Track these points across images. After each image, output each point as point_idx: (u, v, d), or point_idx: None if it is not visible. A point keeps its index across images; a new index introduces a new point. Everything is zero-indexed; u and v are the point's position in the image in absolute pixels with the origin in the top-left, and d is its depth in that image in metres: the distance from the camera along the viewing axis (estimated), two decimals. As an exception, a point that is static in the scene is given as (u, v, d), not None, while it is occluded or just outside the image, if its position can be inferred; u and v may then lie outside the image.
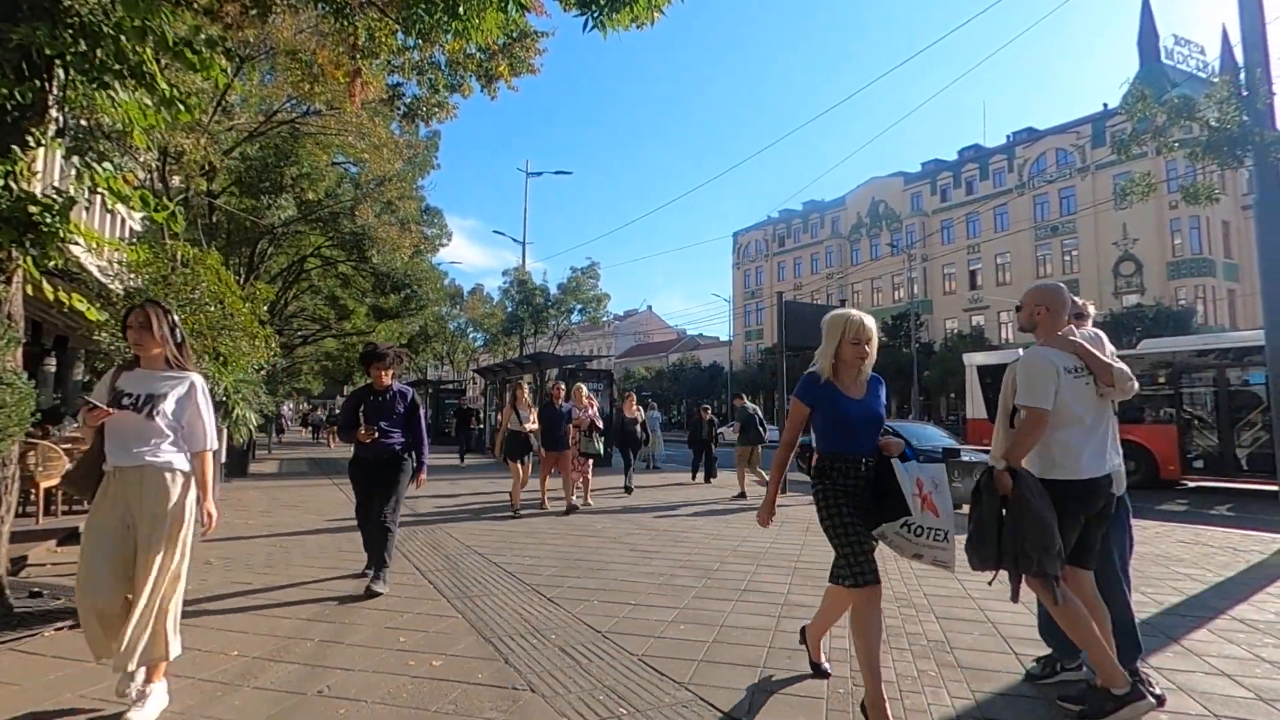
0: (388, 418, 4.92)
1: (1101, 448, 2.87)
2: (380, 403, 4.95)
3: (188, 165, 11.87)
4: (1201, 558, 6.16)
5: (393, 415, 4.95)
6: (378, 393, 4.99)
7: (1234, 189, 33.94)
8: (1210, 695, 3.05)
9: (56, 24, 3.65)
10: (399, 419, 4.97)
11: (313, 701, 2.92)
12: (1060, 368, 2.86)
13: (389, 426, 4.90)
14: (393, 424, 4.93)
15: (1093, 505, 2.84)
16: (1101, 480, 2.84)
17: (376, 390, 5.01)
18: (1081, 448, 2.83)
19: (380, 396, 4.98)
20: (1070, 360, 2.89)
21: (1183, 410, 13.37)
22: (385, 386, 5.00)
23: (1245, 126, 6.75)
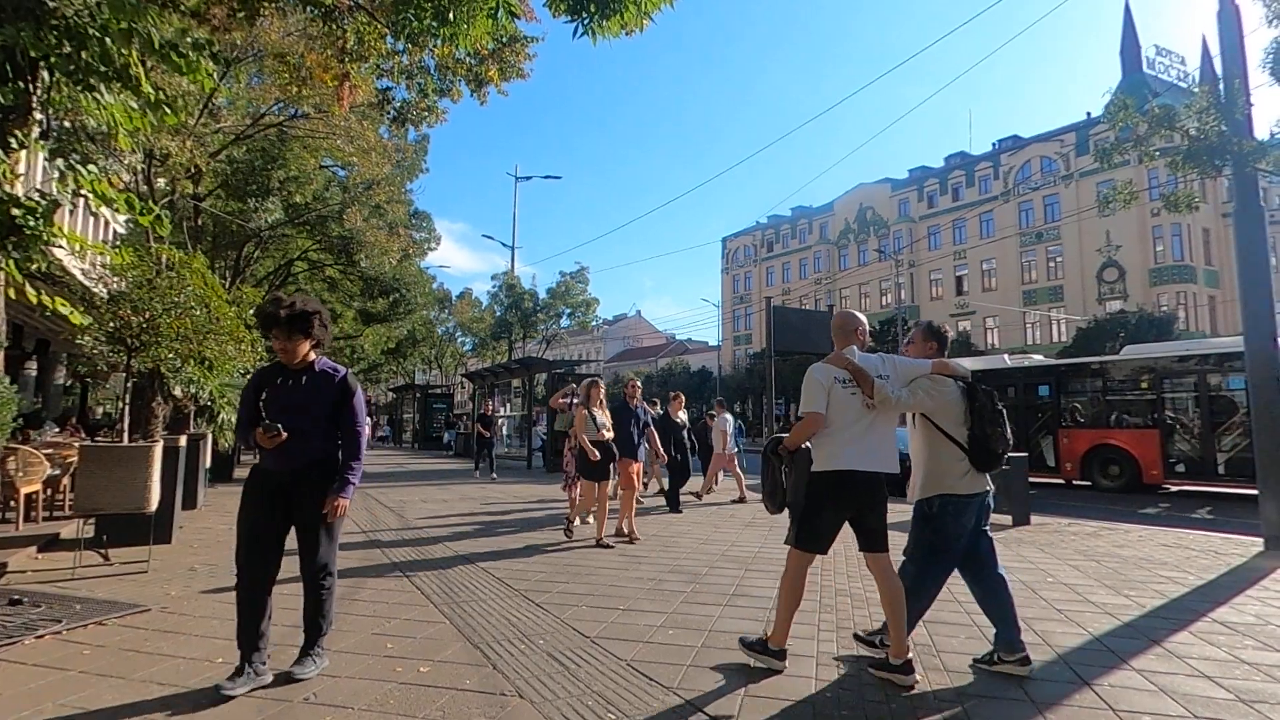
0: (302, 412, 3.23)
1: (867, 447, 3.34)
2: (292, 388, 3.29)
3: (173, 168, 11.78)
4: (1183, 561, 6.24)
5: (311, 408, 3.27)
6: (290, 374, 3.32)
7: (1214, 197, 34.46)
8: (1191, 697, 3.10)
9: (41, 25, 3.62)
10: (322, 414, 3.29)
11: (299, 709, 2.90)
12: (834, 379, 3.38)
13: (306, 425, 3.23)
14: (310, 421, 3.26)
15: (857, 492, 3.36)
16: (861, 474, 3.33)
17: (288, 370, 3.33)
18: (845, 446, 3.33)
19: (292, 379, 3.31)
20: (845, 373, 3.39)
21: (1165, 415, 13.54)
22: (301, 363, 3.32)
23: (1224, 136, 6.87)
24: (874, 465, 3.36)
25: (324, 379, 3.33)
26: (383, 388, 49.99)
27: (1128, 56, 38.37)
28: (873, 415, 3.36)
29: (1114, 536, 7.61)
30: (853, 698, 3.05)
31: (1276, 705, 3.03)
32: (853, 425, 3.34)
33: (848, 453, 3.31)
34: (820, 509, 3.36)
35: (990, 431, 3.40)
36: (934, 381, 3.48)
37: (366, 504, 9.85)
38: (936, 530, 3.49)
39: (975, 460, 3.42)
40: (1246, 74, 7.12)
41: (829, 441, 3.35)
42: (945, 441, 3.45)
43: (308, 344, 3.28)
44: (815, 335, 12.10)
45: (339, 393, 3.32)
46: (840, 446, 3.32)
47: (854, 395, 3.36)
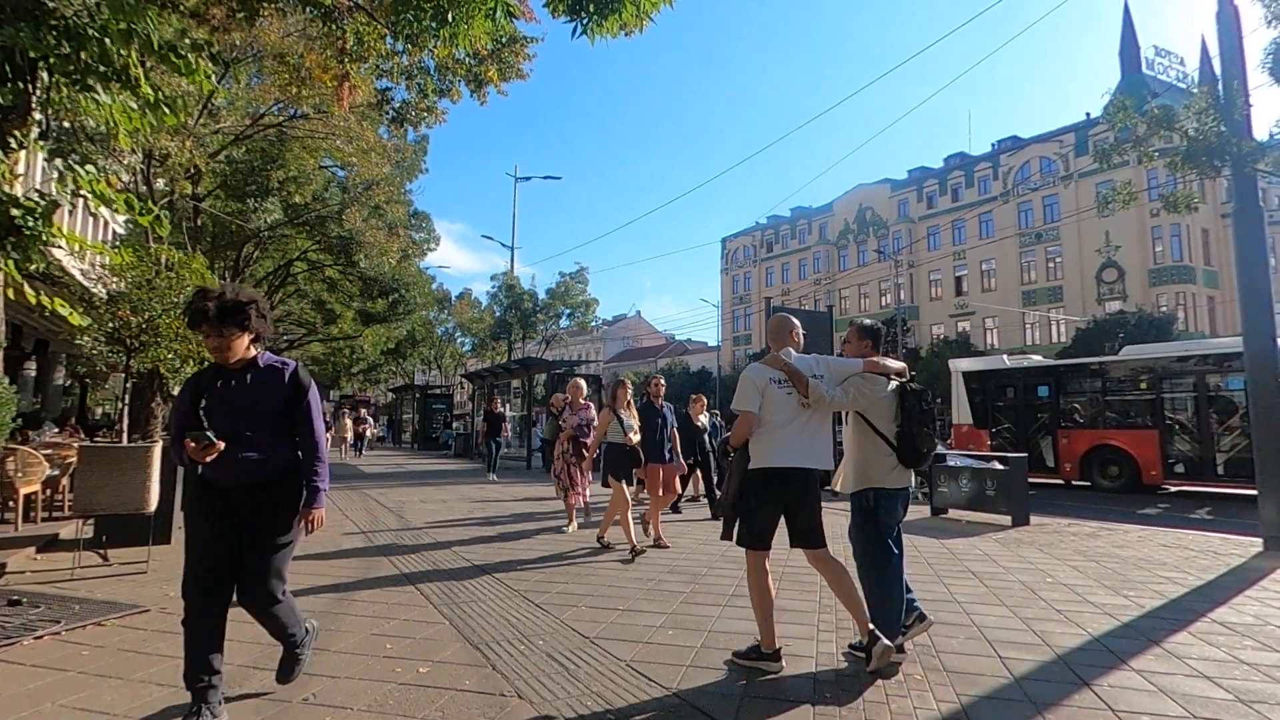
0: (248, 416, 2.82)
1: (800, 445, 3.46)
2: (235, 390, 2.85)
3: (173, 168, 11.78)
4: (1182, 561, 6.24)
5: (258, 410, 2.85)
6: (230, 374, 2.87)
7: (1213, 198, 34.48)
8: (1190, 697, 3.10)
9: (40, 25, 3.62)
10: (272, 415, 2.87)
11: (298, 709, 2.90)
12: (768, 379, 3.51)
13: (255, 430, 2.81)
14: (259, 424, 2.83)
15: (788, 489, 3.45)
16: (793, 471, 3.44)
17: (227, 370, 2.87)
18: (778, 444, 3.44)
19: (234, 380, 2.87)
20: (780, 374, 3.50)
21: (1164, 416, 13.55)
22: (241, 361, 2.87)
23: (1223, 136, 6.88)
24: (806, 462, 3.48)
25: (270, 376, 2.90)
26: (382, 388, 49.96)
27: (1127, 57, 38.38)
28: (807, 414, 3.49)
29: (1113, 537, 7.61)
30: (852, 698, 3.05)
31: (1276, 705, 3.03)
32: (788, 424, 3.47)
33: (780, 451, 3.44)
34: (754, 506, 3.46)
35: (917, 430, 3.53)
36: (866, 380, 3.60)
37: (366, 504, 9.84)
38: (878, 522, 3.62)
39: (903, 457, 3.57)
40: (1245, 74, 7.13)
41: (764, 440, 3.48)
42: (876, 438, 3.60)
43: (245, 338, 2.85)
44: (814, 336, 12.07)
45: (290, 390, 2.90)
46: (774, 444, 3.45)
47: (789, 395, 3.49)
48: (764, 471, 3.44)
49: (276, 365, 2.94)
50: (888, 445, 3.58)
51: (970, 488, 8.82)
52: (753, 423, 3.46)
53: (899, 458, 3.57)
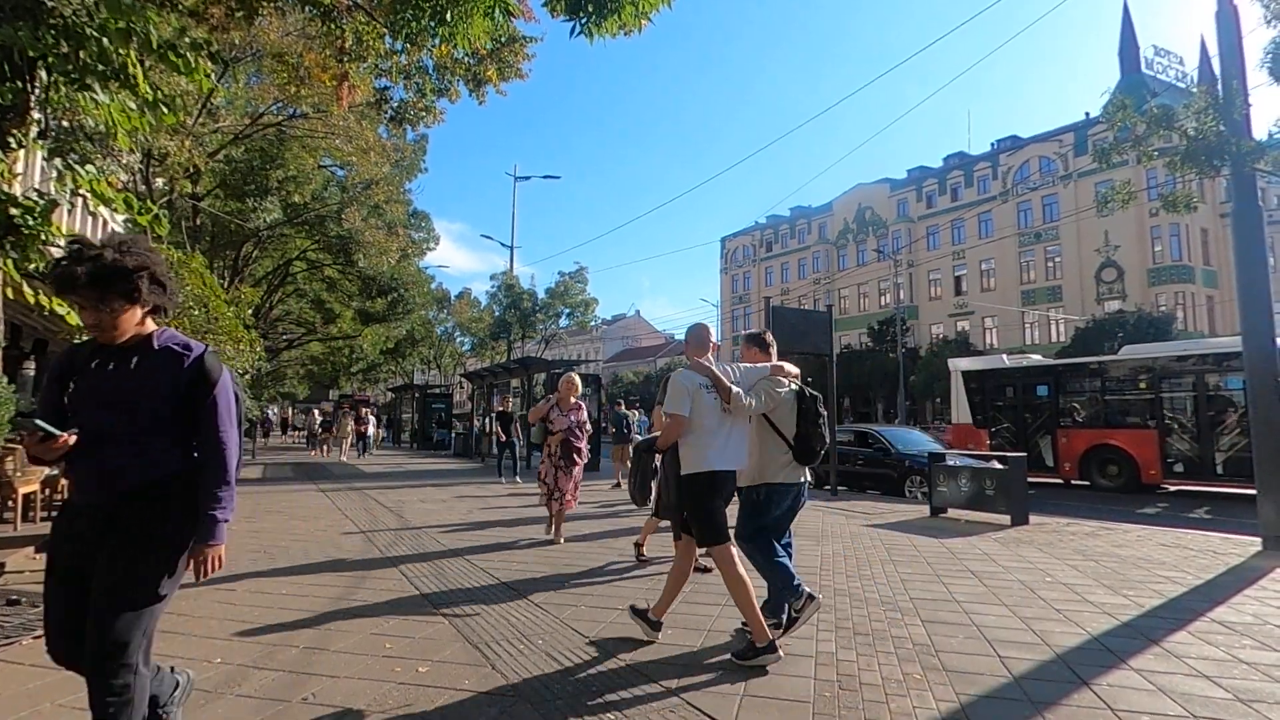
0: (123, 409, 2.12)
1: (730, 449, 3.68)
2: (111, 374, 2.14)
3: (172, 168, 11.77)
4: (1181, 560, 6.25)
5: (140, 404, 2.13)
6: (111, 354, 2.16)
7: (1212, 197, 34.51)
8: (1189, 696, 3.10)
9: (39, 25, 3.62)
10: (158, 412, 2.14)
11: (297, 709, 2.89)
12: (698, 385, 3.70)
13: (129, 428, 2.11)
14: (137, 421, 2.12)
15: (725, 489, 3.69)
16: (725, 473, 3.67)
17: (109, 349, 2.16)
18: (710, 449, 3.63)
19: (113, 361, 2.16)
20: (707, 380, 3.71)
21: (1163, 415, 13.55)
22: (131, 340, 2.18)
23: (1222, 136, 6.87)
24: (733, 464, 3.72)
25: (165, 361, 2.15)
26: (381, 388, 49.96)
27: (1126, 56, 38.39)
28: (732, 419, 3.71)
29: (1112, 536, 7.62)
30: (852, 697, 3.05)
31: (1275, 704, 3.03)
32: (716, 429, 3.67)
33: (712, 455, 3.63)
34: (708, 506, 3.64)
35: (811, 431, 3.80)
36: (772, 384, 3.84)
37: (365, 504, 9.84)
38: (762, 514, 3.87)
39: (798, 455, 3.83)
40: (1245, 74, 7.13)
41: (696, 444, 3.64)
42: (775, 437, 3.85)
43: (136, 312, 2.14)
44: (814, 336, 12.09)
45: (190, 380, 2.15)
46: (706, 450, 3.63)
47: (717, 400, 3.69)
48: (709, 475, 3.62)
49: (176, 348, 2.19)
50: (785, 444, 3.83)
51: (969, 487, 8.82)
52: (684, 426, 3.64)
53: (794, 455, 3.82)
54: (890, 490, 12.20)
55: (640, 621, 3.81)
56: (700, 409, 3.64)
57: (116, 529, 2.08)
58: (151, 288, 2.18)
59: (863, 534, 7.58)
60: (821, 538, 7.28)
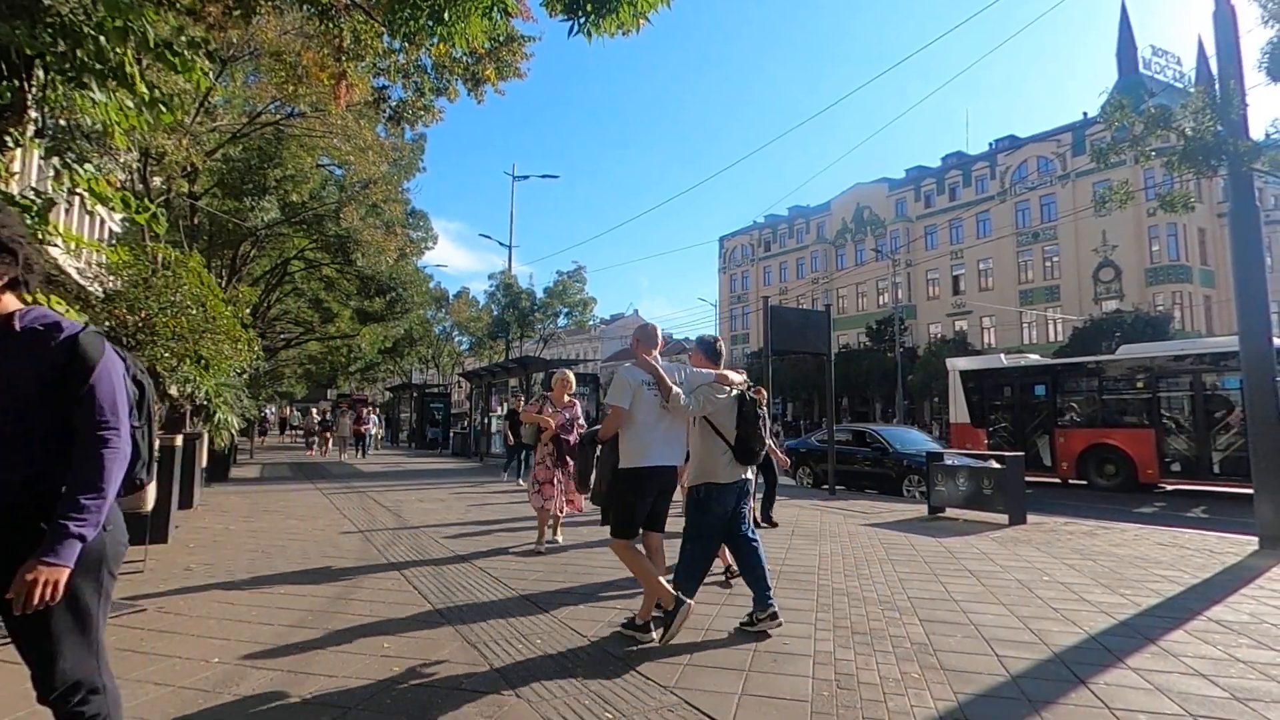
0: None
1: (666, 445, 3.95)
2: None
3: (169, 166, 11.75)
4: (1178, 560, 6.26)
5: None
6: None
7: (1209, 197, 34.57)
8: (1187, 695, 3.11)
9: (36, 23, 3.60)
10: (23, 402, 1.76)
11: (295, 708, 2.89)
12: (640, 381, 3.91)
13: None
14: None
15: (655, 484, 3.91)
16: (662, 468, 3.90)
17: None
18: (649, 445, 3.85)
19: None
20: (650, 377, 3.91)
21: (1160, 415, 13.58)
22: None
23: (1219, 136, 6.89)
24: (670, 460, 3.97)
25: (30, 343, 1.78)
26: (379, 387, 49.92)
27: (1124, 57, 38.45)
28: (670, 417, 3.94)
29: (1110, 535, 7.63)
30: (850, 696, 3.06)
31: (1272, 703, 3.04)
32: (655, 425, 3.90)
33: (651, 451, 3.85)
34: (630, 502, 3.85)
35: (750, 433, 3.97)
36: (712, 388, 4.04)
37: (363, 504, 9.84)
38: (705, 512, 4.01)
39: (738, 455, 3.99)
40: (1242, 74, 7.14)
41: (635, 439, 3.86)
42: (716, 439, 4.00)
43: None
44: (812, 335, 12.10)
45: (60, 365, 1.77)
46: (645, 445, 3.85)
47: (657, 397, 3.90)
48: (638, 470, 3.83)
49: (41, 328, 1.80)
50: (725, 445, 3.99)
51: (967, 487, 8.83)
52: (623, 418, 3.86)
53: (735, 456, 3.98)
54: (888, 490, 12.22)
55: (632, 633, 3.85)
56: (640, 404, 3.87)
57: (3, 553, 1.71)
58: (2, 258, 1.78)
59: (861, 533, 7.59)
60: (820, 537, 7.29)
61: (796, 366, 38.62)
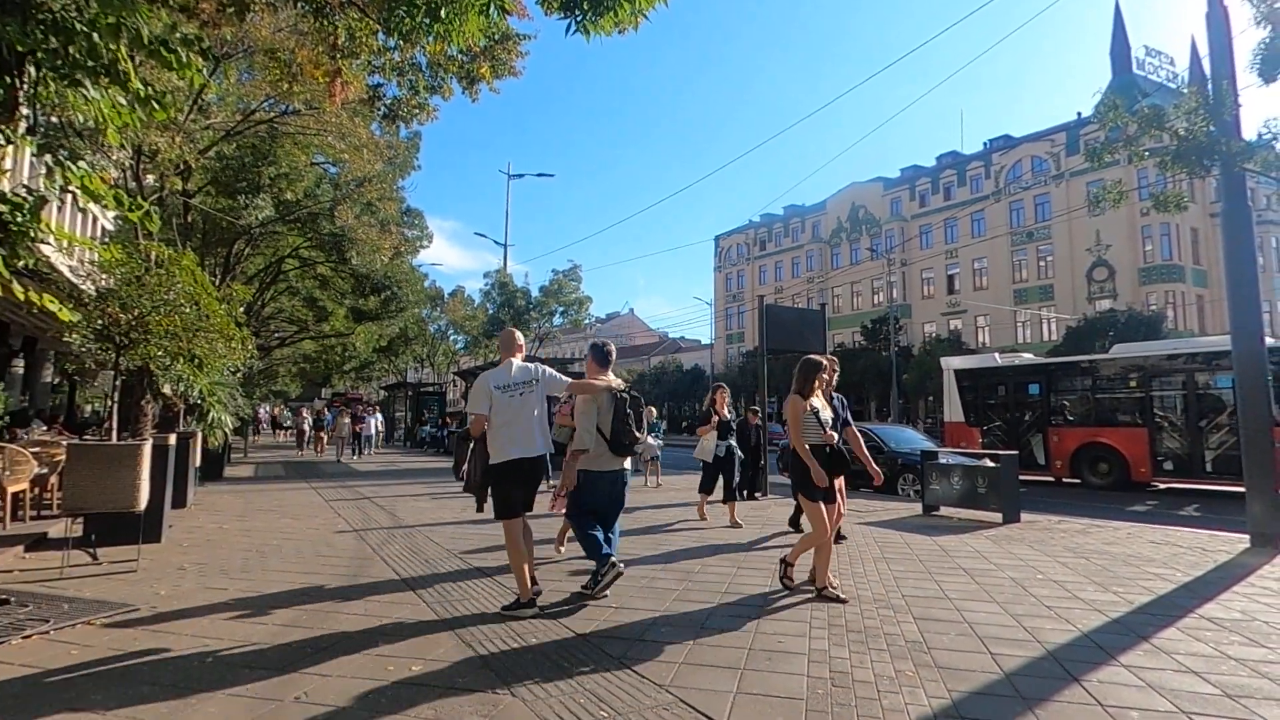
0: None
1: (525, 439, 4.39)
2: None
3: (162, 164, 11.68)
4: (1171, 558, 6.29)
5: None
6: None
7: (1202, 197, 34.74)
8: (1178, 692, 3.12)
9: (27, 19, 3.58)
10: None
11: (289, 708, 2.88)
12: (492, 386, 4.38)
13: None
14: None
15: (523, 473, 4.41)
16: (525, 459, 4.38)
17: None
18: (509, 442, 4.35)
19: None
20: (504, 380, 4.42)
21: (1153, 414, 13.65)
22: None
23: (1212, 136, 6.91)
24: (531, 451, 4.41)
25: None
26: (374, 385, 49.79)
27: (1118, 57, 38.60)
28: (525, 414, 4.41)
29: (1103, 534, 7.67)
30: (845, 694, 3.07)
31: (1262, 700, 3.06)
32: (514, 423, 4.37)
33: (512, 447, 4.36)
34: (504, 490, 4.40)
35: (621, 428, 4.64)
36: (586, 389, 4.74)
37: (358, 503, 9.81)
38: (584, 494, 4.70)
39: (612, 448, 4.65)
40: (1235, 75, 7.17)
41: (497, 438, 4.36)
42: (596, 434, 4.65)
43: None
44: (807, 334, 12.11)
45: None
46: (507, 441, 4.35)
47: (510, 398, 4.40)
48: (504, 464, 4.35)
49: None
50: (603, 439, 4.62)
51: (961, 485, 8.86)
52: (483, 422, 4.38)
53: (609, 448, 4.64)
54: (882, 488, 12.23)
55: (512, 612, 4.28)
56: (496, 407, 4.35)
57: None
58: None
59: (855, 531, 7.61)
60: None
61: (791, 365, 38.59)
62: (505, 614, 4.25)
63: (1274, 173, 7.58)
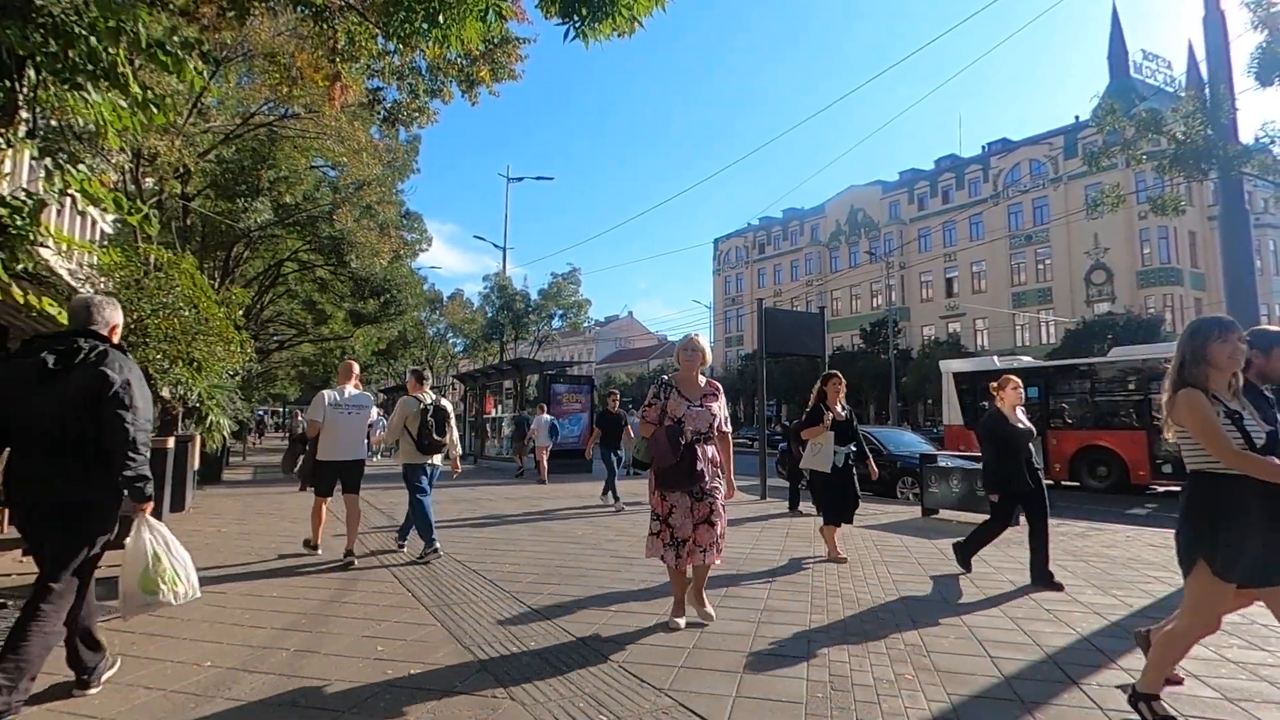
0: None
1: (342, 445, 6.08)
2: None
3: (162, 167, 11.70)
4: (1170, 560, 6.29)
5: None
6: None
7: (1200, 200, 34.82)
8: (1178, 696, 3.12)
9: (27, 23, 3.58)
10: None
11: (287, 712, 2.88)
12: (328, 403, 6.03)
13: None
14: None
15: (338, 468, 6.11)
16: (340, 461, 6.09)
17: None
18: (332, 444, 6.04)
19: None
20: (337, 400, 6.08)
21: (1152, 416, 13.65)
22: None
23: (1209, 140, 6.94)
24: (347, 455, 6.13)
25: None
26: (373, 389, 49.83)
27: (1115, 61, 38.73)
28: (347, 426, 6.09)
29: (1102, 537, 7.67)
30: (844, 698, 3.06)
31: (1263, 703, 3.06)
32: (333, 435, 6.04)
33: (333, 450, 6.06)
34: (320, 477, 6.17)
35: (423, 431, 6.07)
36: (403, 404, 6.17)
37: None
38: (408, 481, 6.20)
39: (419, 447, 6.11)
40: (1232, 79, 7.21)
41: (325, 441, 6.03)
42: (409, 436, 6.15)
43: None
44: (806, 337, 12.12)
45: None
46: (329, 445, 6.04)
47: (341, 415, 6.05)
48: (326, 462, 6.07)
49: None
50: (412, 440, 6.10)
51: (961, 488, 8.86)
52: (318, 427, 6.00)
53: (417, 447, 6.10)
54: (882, 491, 12.24)
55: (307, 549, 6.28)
56: (327, 419, 6.02)
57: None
58: None
59: (854, 535, 7.60)
60: (814, 539, 7.30)
61: (791, 368, 38.70)
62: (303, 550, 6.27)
63: (1271, 176, 7.61)
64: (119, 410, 2.81)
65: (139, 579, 3.02)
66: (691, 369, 4.26)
